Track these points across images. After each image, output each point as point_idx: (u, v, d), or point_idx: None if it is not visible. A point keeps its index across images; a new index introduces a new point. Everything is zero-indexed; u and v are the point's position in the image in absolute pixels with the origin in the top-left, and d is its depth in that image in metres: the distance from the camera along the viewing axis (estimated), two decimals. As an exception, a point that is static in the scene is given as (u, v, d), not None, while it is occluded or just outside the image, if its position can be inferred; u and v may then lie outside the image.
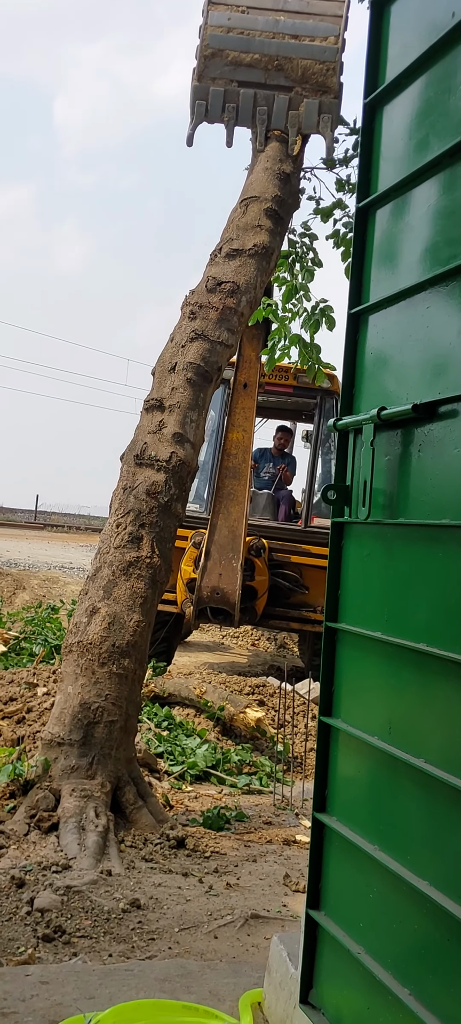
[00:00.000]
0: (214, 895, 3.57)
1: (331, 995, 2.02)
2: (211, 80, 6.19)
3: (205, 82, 6.20)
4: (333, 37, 6.13)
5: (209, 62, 6.19)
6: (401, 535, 1.86)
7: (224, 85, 6.19)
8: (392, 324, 1.97)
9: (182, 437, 5.01)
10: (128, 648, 4.52)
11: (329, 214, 6.15)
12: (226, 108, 6.18)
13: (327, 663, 2.11)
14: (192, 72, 6.26)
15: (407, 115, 2.00)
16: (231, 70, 6.18)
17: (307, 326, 6.09)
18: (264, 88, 6.19)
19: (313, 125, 6.14)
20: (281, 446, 10.47)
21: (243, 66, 6.17)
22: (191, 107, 6.23)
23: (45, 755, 4.34)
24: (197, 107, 6.20)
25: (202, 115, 6.21)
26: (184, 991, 2.47)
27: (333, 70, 6.12)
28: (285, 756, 6.16)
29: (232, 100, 6.18)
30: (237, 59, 6.16)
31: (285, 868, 4.02)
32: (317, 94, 6.14)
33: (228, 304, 5.44)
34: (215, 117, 6.21)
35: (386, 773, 1.84)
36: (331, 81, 6.12)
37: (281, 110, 6.17)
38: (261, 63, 6.16)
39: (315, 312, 5.86)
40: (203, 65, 6.19)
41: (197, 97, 6.20)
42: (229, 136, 6.24)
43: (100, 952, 2.94)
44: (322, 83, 6.13)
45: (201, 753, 5.79)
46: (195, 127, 6.26)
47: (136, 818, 4.32)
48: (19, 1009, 2.32)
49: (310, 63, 6.12)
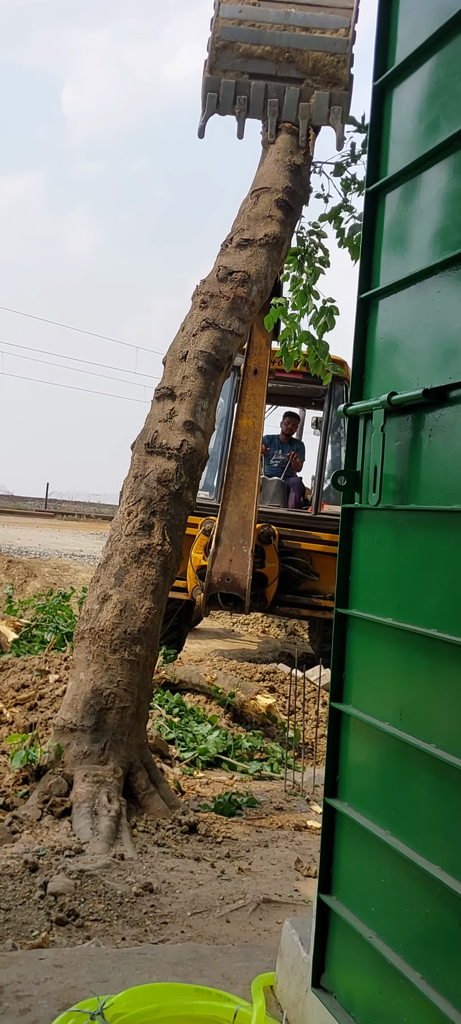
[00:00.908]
0: (226, 880, 3.59)
1: (343, 979, 2.03)
2: (222, 72, 6.23)
3: (216, 74, 6.24)
4: (344, 29, 6.14)
5: (220, 54, 6.21)
6: (412, 521, 1.85)
7: (235, 77, 6.23)
8: (402, 309, 1.96)
9: (193, 425, 5.03)
10: (139, 635, 4.54)
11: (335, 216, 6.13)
12: (237, 100, 6.22)
13: (338, 649, 2.11)
14: (203, 64, 6.29)
15: (417, 97, 1.98)
16: (242, 62, 6.22)
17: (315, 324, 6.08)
18: (275, 80, 6.22)
19: (323, 117, 6.17)
20: (288, 432, 10.45)
21: (254, 58, 6.21)
22: (202, 99, 6.27)
23: (57, 741, 4.37)
24: (208, 99, 6.23)
25: (213, 107, 6.25)
26: (197, 975, 2.49)
27: (344, 62, 6.14)
28: (296, 742, 6.18)
29: (243, 92, 6.21)
30: (248, 51, 6.18)
31: (296, 853, 4.03)
32: (328, 86, 6.17)
33: (239, 293, 5.45)
34: (226, 109, 6.25)
35: (397, 758, 1.85)
36: (342, 73, 6.13)
37: (292, 102, 6.19)
38: (272, 55, 6.19)
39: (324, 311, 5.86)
40: (214, 57, 6.21)
41: (208, 89, 6.24)
42: (240, 128, 6.28)
43: (113, 936, 2.96)
44: (333, 75, 6.15)
45: (212, 739, 5.81)
46: (206, 119, 6.30)
47: (148, 803, 4.34)
48: (33, 992, 2.34)
49: (321, 55, 6.14)
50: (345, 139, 6.17)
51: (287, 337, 5.93)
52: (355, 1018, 1.94)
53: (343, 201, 6.01)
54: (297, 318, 5.83)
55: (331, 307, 5.82)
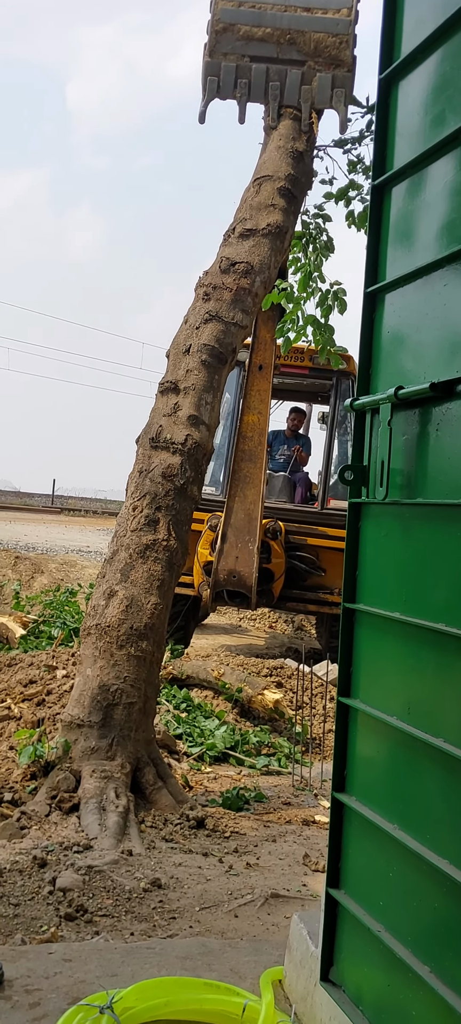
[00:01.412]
0: (234, 875, 3.60)
1: (351, 973, 2.03)
2: (223, 55, 6.07)
3: (217, 57, 6.08)
4: (346, 9, 5.99)
5: (220, 37, 6.08)
6: (419, 515, 1.85)
7: (236, 60, 6.07)
8: (409, 302, 1.96)
9: (197, 419, 5.01)
10: (146, 630, 4.54)
11: (343, 195, 6.06)
12: (238, 84, 6.07)
13: (345, 644, 2.11)
14: (203, 48, 6.16)
15: (423, 90, 1.97)
16: (243, 45, 6.07)
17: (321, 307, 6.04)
18: (276, 63, 6.07)
19: (326, 100, 6.02)
20: (294, 427, 10.43)
21: (255, 40, 6.06)
22: (203, 83, 6.13)
23: (65, 737, 4.38)
24: (209, 83, 6.09)
25: (214, 91, 6.10)
26: (205, 969, 2.49)
27: (346, 43, 5.99)
28: (303, 737, 6.18)
29: (244, 75, 6.07)
30: (249, 33, 6.05)
31: (304, 848, 4.04)
32: (330, 68, 6.01)
33: (242, 285, 5.40)
34: (227, 93, 6.11)
35: (405, 753, 1.85)
36: (344, 54, 6.00)
37: (294, 85, 6.05)
38: (273, 37, 6.04)
39: (329, 295, 5.81)
40: (214, 40, 6.08)
41: (209, 73, 6.09)
42: (241, 112, 6.13)
43: (122, 931, 2.97)
44: (335, 56, 6.00)
45: (220, 734, 5.82)
46: (207, 103, 6.16)
47: (156, 799, 4.35)
48: (43, 986, 2.35)
49: (323, 36, 6.00)
50: (349, 122, 6.07)
51: (289, 320, 5.89)
52: (364, 1012, 1.94)
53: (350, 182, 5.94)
54: (303, 301, 5.78)
55: (338, 290, 5.77)
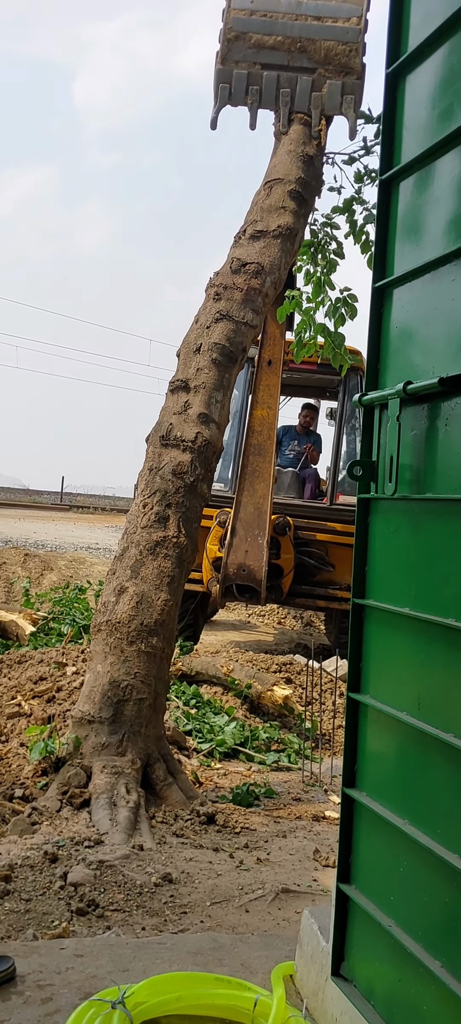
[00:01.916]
0: (245, 870, 3.60)
1: (362, 967, 2.04)
2: (234, 63, 6.21)
3: (228, 65, 6.21)
4: (356, 18, 6.11)
5: (232, 45, 6.19)
6: (428, 510, 1.85)
7: (247, 68, 6.20)
8: (417, 297, 1.96)
9: (207, 417, 5.03)
10: (156, 627, 4.56)
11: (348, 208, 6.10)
12: (249, 91, 6.19)
13: (355, 639, 2.11)
14: (215, 55, 6.27)
15: (430, 84, 1.97)
16: (254, 53, 6.19)
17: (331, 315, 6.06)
18: (287, 70, 6.19)
19: (336, 107, 6.14)
20: (306, 424, 10.39)
21: (266, 48, 6.18)
22: (215, 90, 6.25)
23: (76, 733, 4.40)
24: (221, 90, 6.21)
25: (226, 98, 6.22)
26: (216, 964, 2.50)
27: (356, 51, 6.10)
28: (313, 733, 6.18)
29: (255, 83, 6.18)
30: (260, 41, 6.16)
31: (315, 843, 4.04)
32: (340, 75, 6.13)
33: (252, 285, 5.45)
34: (239, 100, 6.22)
35: (415, 748, 1.85)
36: (354, 62, 6.10)
37: (304, 92, 6.16)
38: (284, 45, 6.16)
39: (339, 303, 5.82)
40: (226, 48, 6.19)
41: (221, 80, 6.21)
42: (252, 119, 6.25)
43: (133, 925, 2.98)
44: (345, 64, 6.12)
45: (229, 730, 5.83)
46: (219, 110, 6.28)
47: (166, 794, 4.37)
48: (55, 981, 2.36)
49: (333, 44, 6.11)
50: (357, 130, 6.14)
51: (302, 330, 5.92)
52: (375, 1006, 1.95)
53: (356, 192, 5.97)
54: (313, 311, 5.81)
55: (348, 297, 5.78)
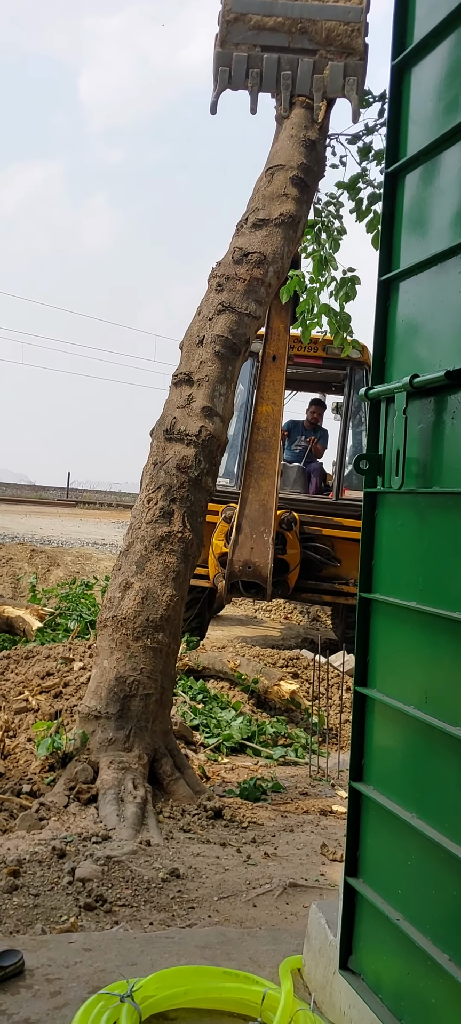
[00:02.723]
0: (252, 864, 3.61)
1: (370, 961, 2.04)
2: (234, 46, 6.06)
3: (228, 48, 6.08)
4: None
5: (232, 27, 6.07)
6: (435, 504, 1.84)
7: (247, 50, 6.06)
8: (423, 290, 1.95)
9: (211, 411, 5.01)
10: (162, 622, 4.56)
11: (353, 185, 6.04)
12: (250, 74, 6.05)
13: (362, 633, 2.11)
14: (214, 38, 6.15)
15: (436, 76, 1.96)
16: (254, 34, 6.05)
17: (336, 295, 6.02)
18: (288, 52, 6.05)
19: (338, 88, 5.99)
20: (314, 420, 10.35)
21: (266, 30, 6.04)
22: (214, 74, 6.11)
23: (83, 728, 4.41)
24: (220, 74, 6.08)
25: (225, 82, 6.08)
26: (224, 958, 2.50)
27: (358, 31, 5.96)
28: (320, 728, 6.18)
29: (255, 65, 6.05)
30: (260, 23, 6.03)
31: (322, 838, 4.05)
32: (342, 57, 5.98)
33: (255, 275, 5.39)
34: (239, 83, 6.09)
35: (423, 742, 1.84)
36: (356, 42, 5.97)
37: (305, 74, 6.02)
38: (284, 26, 6.02)
39: (345, 282, 5.79)
40: (226, 30, 6.07)
41: (220, 63, 6.08)
42: (253, 102, 6.12)
43: (141, 920, 2.99)
44: (347, 45, 5.97)
45: (236, 725, 5.83)
46: (218, 94, 6.15)
47: (173, 789, 4.37)
48: (63, 975, 2.37)
49: (334, 24, 5.97)
50: (361, 110, 6.03)
51: (305, 309, 5.88)
52: (383, 1000, 1.95)
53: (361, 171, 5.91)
54: (317, 291, 5.77)
55: (352, 277, 5.76)
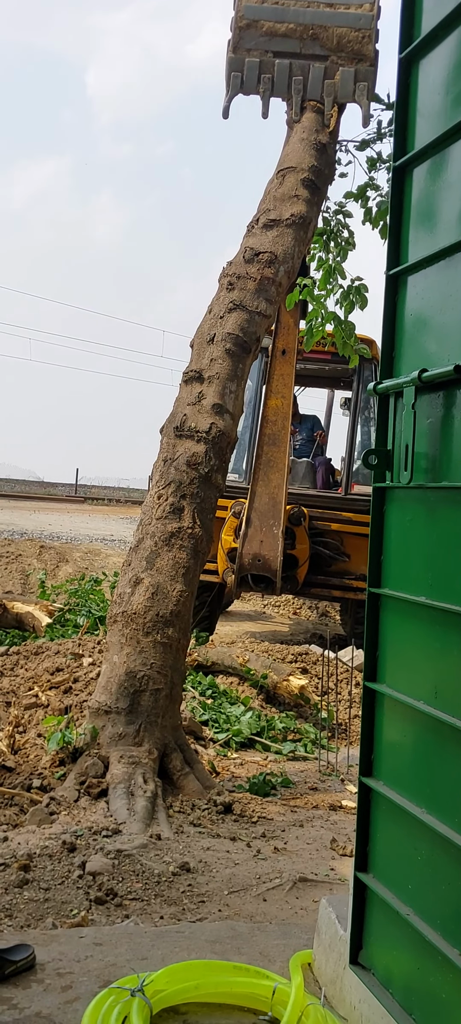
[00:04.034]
0: (262, 859, 3.61)
1: (380, 956, 2.04)
2: (246, 51, 6.16)
3: (240, 54, 6.17)
4: (368, 4, 6.07)
5: (244, 33, 6.15)
6: (444, 498, 1.84)
7: (259, 56, 6.15)
8: (432, 284, 1.94)
9: (221, 408, 5.03)
10: (172, 617, 4.57)
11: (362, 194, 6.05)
12: (261, 79, 6.15)
13: (371, 629, 2.11)
14: (227, 44, 6.23)
15: (444, 69, 1.95)
16: (266, 40, 6.14)
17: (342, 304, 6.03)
18: (299, 58, 6.14)
19: (349, 94, 6.08)
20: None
21: (278, 36, 6.13)
22: (226, 79, 6.21)
23: (93, 723, 4.43)
24: (232, 79, 6.17)
25: (237, 87, 6.18)
26: (235, 952, 2.51)
27: (369, 37, 6.04)
28: (329, 723, 6.18)
29: (267, 71, 6.14)
30: (272, 29, 6.11)
31: (332, 833, 4.05)
32: (353, 63, 6.08)
33: (266, 274, 5.42)
34: (250, 89, 6.18)
35: (432, 737, 1.84)
36: (367, 49, 6.04)
37: (317, 80, 6.11)
38: (296, 32, 6.11)
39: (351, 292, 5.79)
40: (238, 37, 6.16)
41: (232, 69, 6.17)
42: (265, 107, 6.21)
43: (151, 914, 3.00)
44: (358, 51, 6.06)
45: (245, 720, 5.84)
46: (231, 99, 6.24)
47: (183, 784, 4.39)
48: (74, 969, 2.38)
49: (345, 31, 6.05)
50: (371, 117, 6.08)
51: (314, 318, 5.89)
52: (393, 994, 1.95)
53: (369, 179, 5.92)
54: (323, 298, 5.79)
55: (359, 286, 5.76)
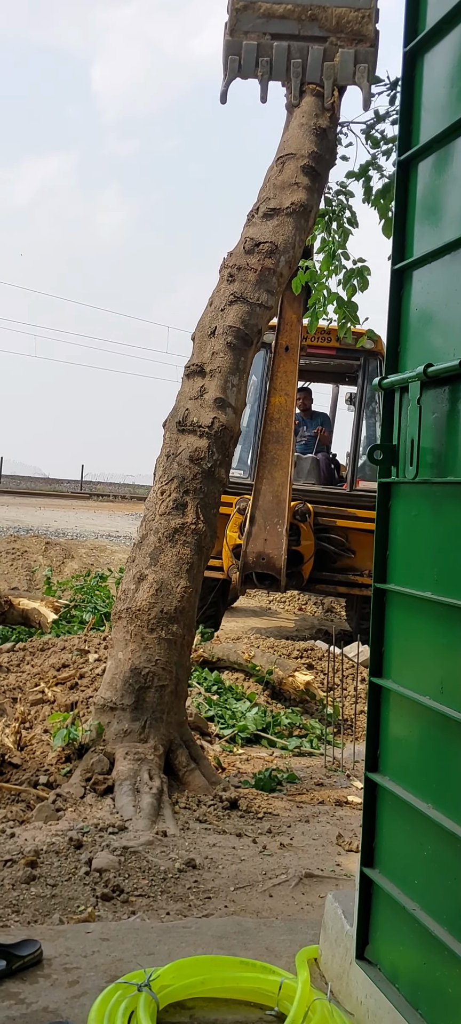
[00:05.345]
0: (268, 855, 3.62)
1: (387, 951, 2.04)
2: (244, 34, 6.01)
3: (238, 37, 6.03)
4: None
5: (241, 15, 6.01)
6: (450, 493, 1.84)
7: (257, 39, 6.01)
8: (437, 279, 1.94)
9: (224, 402, 5.00)
10: (176, 614, 4.57)
11: (363, 173, 5.98)
12: (259, 63, 6.01)
13: (377, 624, 2.11)
14: (224, 27, 6.09)
15: (449, 62, 1.94)
16: (264, 23, 6.00)
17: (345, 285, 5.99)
18: (298, 40, 5.99)
19: (349, 76, 5.93)
20: (306, 407, 10.40)
21: (276, 18, 5.99)
22: (224, 63, 6.06)
23: (98, 719, 4.43)
24: (230, 63, 6.03)
25: (235, 71, 6.04)
26: (241, 947, 2.51)
27: (368, 17, 5.89)
28: (335, 718, 6.18)
29: (265, 54, 6.00)
30: (270, 11, 5.97)
31: (338, 828, 4.05)
32: (352, 44, 5.92)
33: (267, 265, 5.36)
34: (249, 72, 6.04)
35: (438, 732, 1.84)
36: (367, 29, 5.90)
37: (316, 62, 5.96)
38: (294, 14, 5.96)
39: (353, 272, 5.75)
40: (235, 19, 6.01)
41: (230, 52, 6.04)
42: (263, 91, 6.07)
43: (158, 911, 3.01)
44: (357, 32, 5.91)
45: (251, 716, 5.84)
46: (228, 83, 6.09)
47: (189, 780, 4.39)
48: (81, 964, 2.39)
49: (345, 11, 5.90)
50: (373, 97, 5.96)
51: (316, 301, 5.85)
52: (400, 989, 1.95)
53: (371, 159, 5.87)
54: (325, 279, 5.75)
55: (362, 267, 5.73)
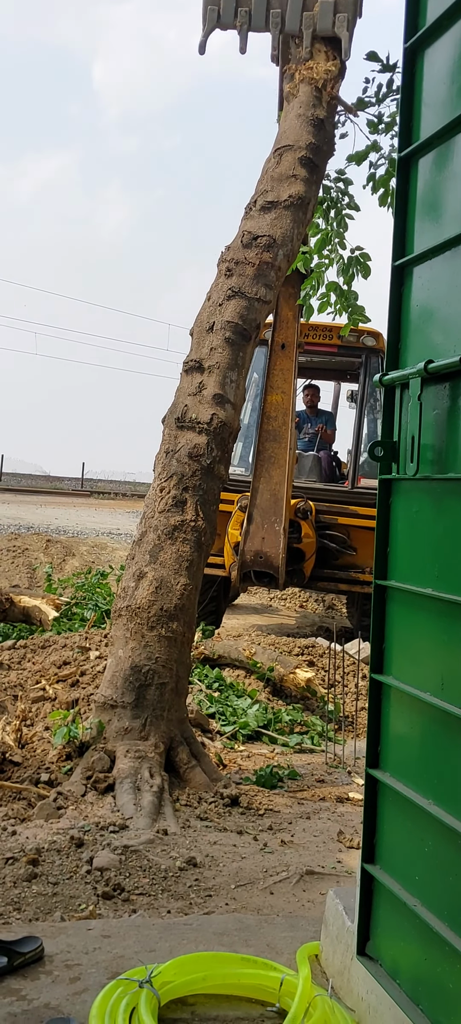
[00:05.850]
0: (269, 852, 3.62)
1: (388, 947, 2.04)
2: None
3: None
4: None
5: None
6: (451, 490, 1.84)
7: None
8: (438, 275, 1.94)
9: (222, 398, 4.98)
10: (176, 611, 4.56)
11: (364, 157, 5.92)
12: (238, 13, 5.86)
13: (377, 620, 2.11)
14: None
15: (449, 58, 1.94)
16: None
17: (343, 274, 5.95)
18: None
19: (328, 26, 5.74)
20: (311, 403, 10.41)
21: None
22: (203, 14, 5.92)
23: (99, 717, 4.43)
24: (209, 13, 5.89)
25: (214, 21, 5.90)
26: (242, 944, 2.52)
27: None
28: (336, 715, 6.18)
29: (245, 4, 5.86)
30: None
31: (339, 825, 4.05)
32: None
33: (265, 259, 5.31)
34: (228, 23, 5.90)
35: (439, 728, 1.84)
36: None
37: (295, 12, 5.78)
38: None
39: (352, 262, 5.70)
40: None
41: (209, 2, 5.90)
42: (242, 42, 5.93)
43: (158, 909, 3.01)
44: None
45: (252, 713, 5.84)
46: (208, 34, 5.95)
47: (190, 777, 4.39)
48: (82, 961, 2.40)
49: None
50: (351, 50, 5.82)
51: (309, 286, 5.80)
52: (401, 985, 1.95)
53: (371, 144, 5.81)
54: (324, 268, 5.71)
55: (361, 255, 5.69)
